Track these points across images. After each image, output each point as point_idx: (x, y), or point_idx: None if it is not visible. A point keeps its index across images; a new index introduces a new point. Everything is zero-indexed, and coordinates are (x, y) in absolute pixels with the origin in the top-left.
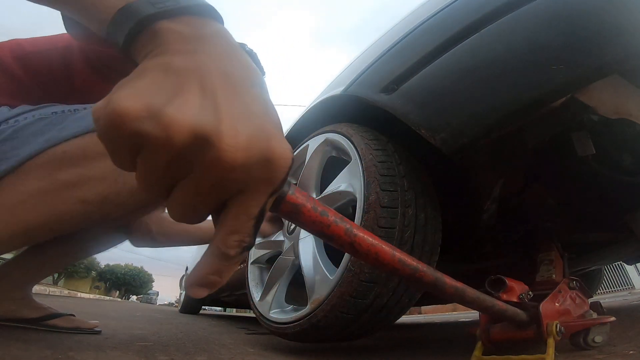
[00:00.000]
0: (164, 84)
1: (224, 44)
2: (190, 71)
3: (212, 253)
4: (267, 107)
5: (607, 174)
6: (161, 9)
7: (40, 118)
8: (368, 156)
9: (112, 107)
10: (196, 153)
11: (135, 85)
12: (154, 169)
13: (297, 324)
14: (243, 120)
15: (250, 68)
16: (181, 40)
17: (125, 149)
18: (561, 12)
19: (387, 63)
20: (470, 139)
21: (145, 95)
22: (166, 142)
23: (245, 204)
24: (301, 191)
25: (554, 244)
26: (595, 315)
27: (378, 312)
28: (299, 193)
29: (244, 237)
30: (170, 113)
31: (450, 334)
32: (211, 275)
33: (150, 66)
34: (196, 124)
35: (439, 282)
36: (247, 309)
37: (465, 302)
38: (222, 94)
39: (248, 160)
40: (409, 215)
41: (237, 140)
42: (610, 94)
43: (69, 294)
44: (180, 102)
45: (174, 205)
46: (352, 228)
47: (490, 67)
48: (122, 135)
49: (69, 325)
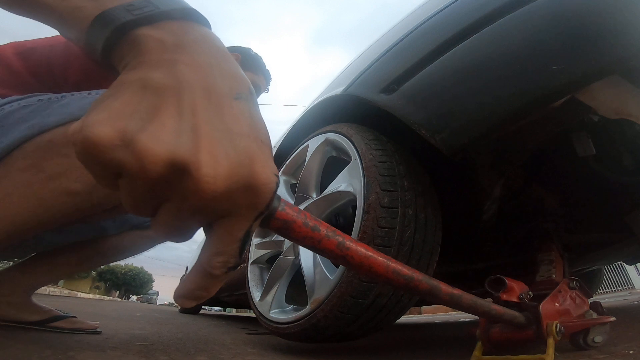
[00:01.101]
0: (140, 105)
1: (208, 51)
2: (168, 89)
3: (198, 271)
4: (253, 123)
5: (607, 174)
6: (139, 16)
7: (24, 106)
8: (368, 156)
9: (85, 135)
10: (174, 182)
11: (109, 107)
12: (135, 194)
13: (297, 323)
14: (224, 144)
15: (236, 77)
16: (161, 49)
17: (105, 174)
18: (561, 12)
19: (387, 63)
20: (471, 139)
21: (119, 119)
22: (141, 172)
23: (229, 228)
24: (292, 206)
25: (554, 244)
26: (595, 315)
27: (378, 312)
28: (289, 209)
29: (229, 259)
30: (144, 141)
31: (450, 334)
32: (197, 290)
33: (127, 82)
34: (172, 154)
35: (434, 290)
36: (247, 309)
37: (462, 308)
38: (202, 114)
39: (229, 188)
40: (409, 215)
41: (217, 169)
42: (610, 94)
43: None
44: (155, 128)
45: (158, 226)
46: (345, 241)
47: (490, 68)
48: (98, 163)
49: (69, 326)
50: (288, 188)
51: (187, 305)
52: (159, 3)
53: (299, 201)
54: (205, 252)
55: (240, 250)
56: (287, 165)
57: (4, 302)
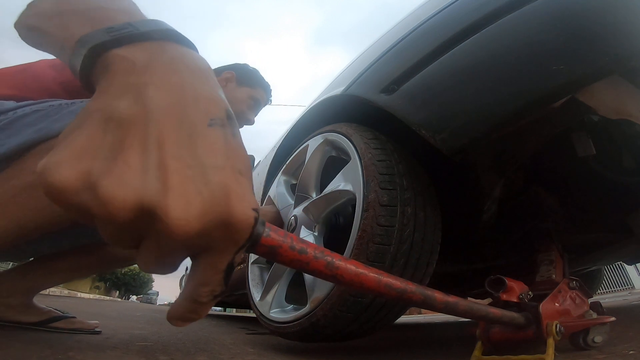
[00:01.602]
0: (104, 140)
1: (183, 70)
2: (133, 120)
3: (185, 298)
4: (228, 152)
5: (607, 175)
6: (115, 36)
7: (35, 110)
8: (367, 155)
9: (46, 179)
10: (145, 224)
11: (72, 145)
12: (110, 233)
13: (297, 323)
14: (196, 181)
15: (210, 100)
16: (130, 70)
17: (77, 214)
18: (561, 12)
19: (387, 63)
20: (471, 139)
21: (82, 159)
22: (108, 218)
23: (211, 261)
24: (277, 230)
25: (554, 244)
26: (595, 315)
27: (378, 311)
28: (274, 234)
29: (215, 288)
30: (107, 186)
31: (450, 334)
32: (188, 314)
33: (91, 111)
34: (138, 198)
35: (428, 300)
36: (247, 309)
37: (459, 315)
38: (170, 148)
39: (204, 228)
40: (408, 213)
41: (188, 210)
42: (610, 94)
43: (69, 294)
44: (119, 169)
45: (140, 260)
46: (334, 261)
47: (490, 68)
48: (66, 206)
49: (69, 326)
50: (288, 188)
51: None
52: (140, 25)
53: (299, 201)
54: (191, 281)
55: (225, 280)
56: (287, 165)
57: (2, 304)
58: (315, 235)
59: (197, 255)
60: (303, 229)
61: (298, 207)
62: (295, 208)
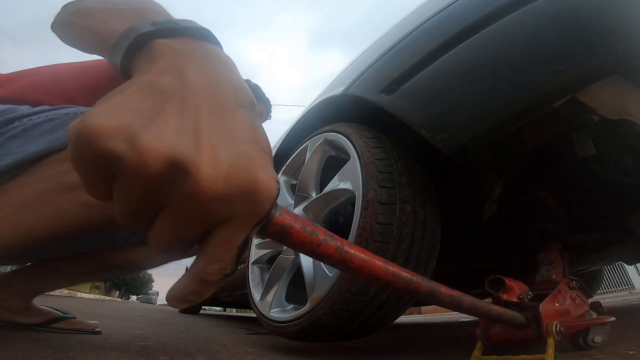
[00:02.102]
0: (145, 103)
1: (216, 61)
2: (174, 91)
3: (192, 276)
4: (255, 131)
5: (607, 175)
6: (160, 27)
7: (51, 118)
8: (366, 154)
9: (85, 124)
10: (173, 182)
11: (113, 103)
12: (130, 199)
13: (297, 322)
14: (226, 147)
15: (240, 87)
16: (173, 55)
17: (99, 173)
18: (562, 12)
19: (387, 63)
20: (471, 139)
21: (123, 114)
22: (140, 168)
23: (227, 234)
24: (288, 211)
25: (554, 244)
26: (595, 315)
27: (378, 310)
28: (286, 214)
29: (225, 266)
30: (147, 137)
31: (450, 334)
32: (190, 295)
33: (134, 83)
34: (173, 151)
35: (434, 292)
36: (247, 309)
37: (462, 310)
38: (205, 117)
39: (229, 191)
40: (407, 211)
41: (217, 170)
42: (610, 94)
43: (69, 294)
44: (158, 126)
45: (155, 238)
46: (344, 245)
47: (491, 68)
48: (95, 154)
49: (69, 326)
50: (288, 188)
51: (179, 307)
52: (180, 22)
53: (299, 201)
54: (201, 258)
55: (237, 258)
56: (287, 165)
57: (2, 307)
58: None
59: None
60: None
61: (298, 207)
62: (295, 208)
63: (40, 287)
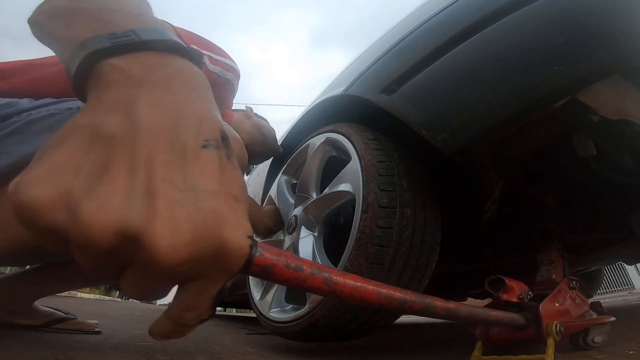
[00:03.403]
0: (88, 158)
1: (177, 88)
2: (121, 139)
3: (170, 318)
4: (223, 177)
5: (608, 175)
6: (115, 43)
7: (52, 113)
8: (367, 156)
9: (19, 196)
10: (127, 254)
11: (51, 161)
12: (88, 263)
13: (297, 322)
14: (186, 206)
15: (206, 121)
16: (123, 84)
17: (51, 240)
18: (562, 13)
19: (387, 63)
20: (471, 140)
21: (62, 177)
22: (87, 243)
23: (201, 288)
24: (270, 249)
25: (555, 244)
26: (595, 315)
27: (377, 311)
28: (267, 253)
29: (202, 313)
30: (89, 206)
31: (450, 334)
32: (171, 333)
33: (75, 128)
34: (122, 223)
35: (430, 308)
36: (247, 309)
37: (460, 320)
38: (159, 170)
39: (193, 257)
40: (407, 215)
41: (177, 238)
42: (611, 95)
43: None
44: (103, 191)
45: (126, 287)
46: (332, 276)
47: (491, 68)
48: (35, 229)
49: (69, 327)
50: (289, 187)
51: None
52: (143, 33)
53: (299, 201)
54: (177, 304)
55: (214, 305)
56: (288, 164)
57: (2, 310)
58: (315, 235)
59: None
60: (303, 229)
61: (298, 207)
62: (295, 208)
63: (41, 291)
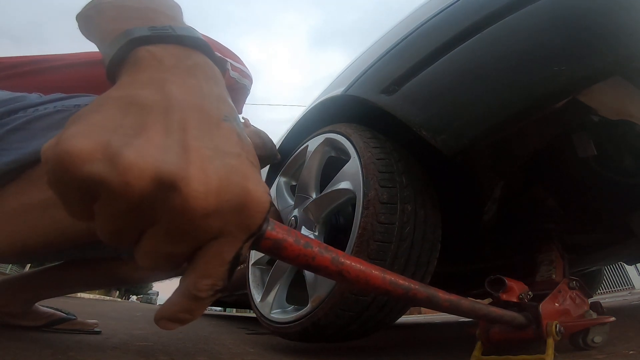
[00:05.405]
0: (125, 120)
1: (200, 76)
2: (155, 106)
3: (182, 293)
4: (243, 144)
5: (608, 175)
6: (154, 34)
7: (59, 110)
8: (367, 154)
9: (61, 147)
10: (161, 200)
11: (89, 121)
12: (114, 219)
13: (298, 323)
14: (215, 161)
15: (224, 101)
16: (156, 68)
17: (79, 196)
18: (562, 13)
19: (388, 64)
20: (471, 140)
21: (101, 132)
22: (125, 189)
23: (219, 249)
24: (281, 225)
25: (555, 244)
26: (595, 315)
27: (379, 310)
28: (278, 228)
29: (217, 282)
30: (129, 155)
31: (450, 334)
32: (181, 313)
33: (111, 97)
34: (159, 168)
35: (432, 298)
36: (247, 309)
37: (461, 313)
38: (191, 131)
39: (221, 206)
40: (408, 211)
41: (208, 184)
42: (611, 95)
43: None
44: (141, 143)
45: (143, 256)
46: (339, 257)
47: (491, 69)
48: (73, 180)
49: (69, 327)
50: (288, 189)
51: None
52: (177, 29)
53: (299, 201)
54: (191, 274)
55: (229, 273)
56: (287, 166)
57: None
58: (316, 235)
59: (201, 247)
60: (303, 228)
61: (298, 208)
62: (295, 208)
63: (40, 295)
